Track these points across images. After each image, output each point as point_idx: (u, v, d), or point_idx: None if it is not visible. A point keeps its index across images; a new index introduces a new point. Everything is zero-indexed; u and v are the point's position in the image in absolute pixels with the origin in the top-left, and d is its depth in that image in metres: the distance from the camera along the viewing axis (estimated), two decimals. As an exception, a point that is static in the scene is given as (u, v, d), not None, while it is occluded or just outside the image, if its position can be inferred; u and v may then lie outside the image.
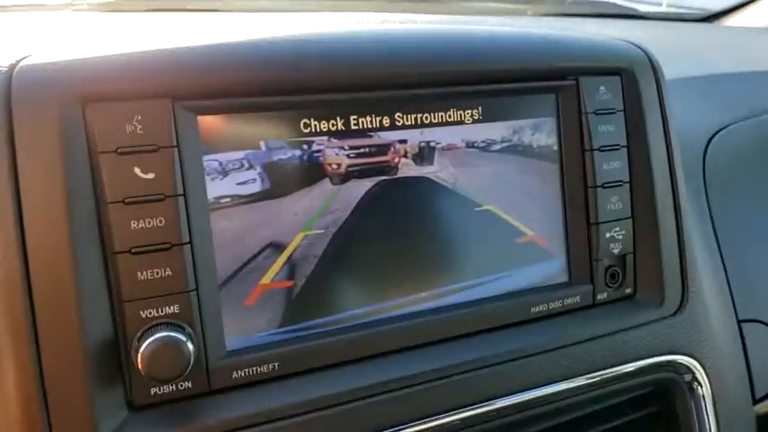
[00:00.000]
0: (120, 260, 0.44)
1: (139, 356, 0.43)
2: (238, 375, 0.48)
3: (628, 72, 0.62)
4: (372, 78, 0.52)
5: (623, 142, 0.62)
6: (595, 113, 0.60)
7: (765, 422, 0.74)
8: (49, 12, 0.86)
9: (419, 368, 0.53)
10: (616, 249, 0.62)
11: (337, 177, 0.52)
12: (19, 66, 0.44)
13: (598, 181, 0.60)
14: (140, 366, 0.44)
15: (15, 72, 0.43)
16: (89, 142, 0.44)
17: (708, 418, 0.65)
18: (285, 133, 0.50)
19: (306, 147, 0.50)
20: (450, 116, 0.55)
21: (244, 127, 0.49)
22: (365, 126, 0.52)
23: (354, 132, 0.52)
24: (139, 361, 0.44)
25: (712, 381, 0.66)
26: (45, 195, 0.43)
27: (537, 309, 0.59)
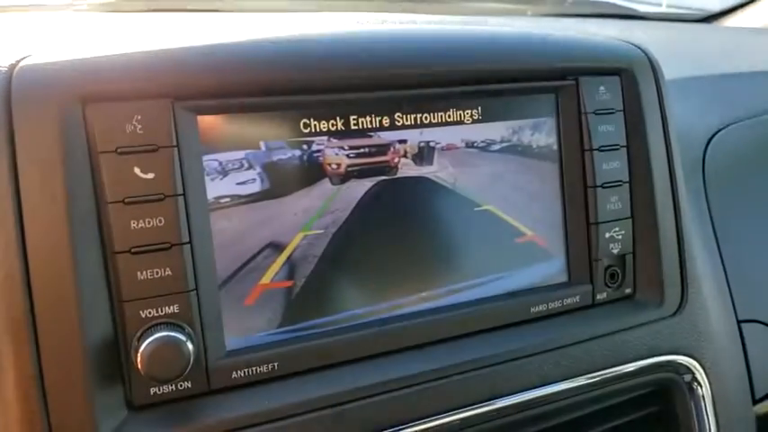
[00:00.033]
0: (119, 260, 0.44)
1: (139, 356, 0.44)
2: (238, 375, 0.48)
3: (627, 72, 0.62)
4: (372, 78, 0.52)
5: (623, 142, 0.62)
6: (595, 113, 0.60)
7: (765, 422, 0.74)
8: (49, 12, 0.86)
9: (419, 368, 0.53)
10: (615, 249, 0.62)
11: (337, 177, 0.52)
12: (19, 66, 0.44)
13: (598, 181, 0.60)
14: (140, 366, 0.44)
15: (15, 72, 0.44)
16: (89, 142, 0.44)
17: (707, 419, 0.65)
18: (285, 133, 0.50)
19: (305, 147, 0.50)
20: (449, 116, 0.55)
21: (243, 127, 0.49)
22: (365, 126, 0.52)
23: (354, 132, 0.52)
24: (139, 361, 0.44)
25: (712, 381, 0.66)
26: (45, 195, 0.43)
27: (536, 309, 0.59)
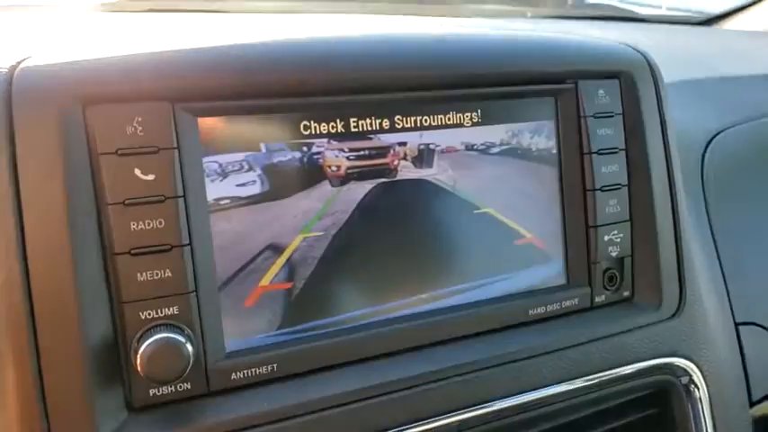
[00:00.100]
0: (119, 261, 0.44)
1: (139, 357, 0.44)
2: (237, 377, 0.48)
3: (626, 75, 0.62)
4: (372, 81, 0.52)
5: (622, 145, 0.62)
6: (594, 117, 0.60)
7: (762, 424, 0.74)
8: (49, 12, 0.86)
9: (418, 370, 0.53)
10: (614, 252, 0.62)
11: (337, 179, 0.52)
12: (19, 67, 0.44)
13: (597, 184, 0.60)
14: (139, 367, 0.44)
15: (16, 74, 0.44)
16: (89, 143, 0.44)
17: (705, 421, 0.66)
18: (285, 135, 0.50)
19: (305, 149, 0.51)
20: (449, 119, 0.55)
21: (244, 129, 0.49)
22: (365, 128, 0.52)
23: (354, 135, 0.52)
24: (139, 362, 0.44)
25: (709, 383, 0.66)
26: (45, 196, 0.43)
27: (535, 311, 0.59)
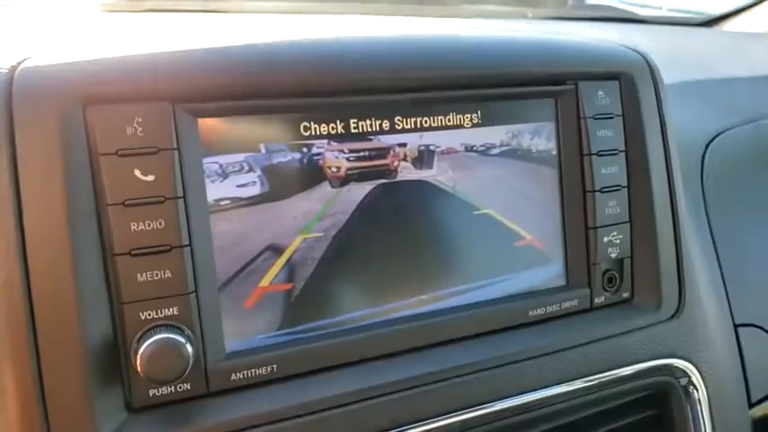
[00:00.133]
0: (119, 262, 0.44)
1: (138, 358, 0.44)
2: (237, 377, 0.48)
3: (626, 77, 0.62)
4: (372, 82, 0.52)
5: (621, 147, 0.62)
6: (594, 118, 0.60)
7: (761, 426, 0.74)
8: (49, 12, 0.86)
9: (418, 371, 0.53)
10: (614, 253, 0.62)
11: (337, 180, 0.52)
12: (20, 67, 0.44)
13: (596, 185, 0.60)
14: (139, 368, 0.44)
15: (16, 74, 0.44)
16: (89, 144, 0.44)
17: (704, 422, 0.66)
18: (285, 136, 0.50)
19: (305, 150, 0.51)
20: (449, 120, 0.55)
21: (244, 130, 0.49)
22: (365, 129, 0.52)
23: (354, 135, 0.52)
24: (138, 363, 0.44)
25: (708, 384, 0.66)
26: (45, 197, 0.43)
27: (535, 312, 0.59)
